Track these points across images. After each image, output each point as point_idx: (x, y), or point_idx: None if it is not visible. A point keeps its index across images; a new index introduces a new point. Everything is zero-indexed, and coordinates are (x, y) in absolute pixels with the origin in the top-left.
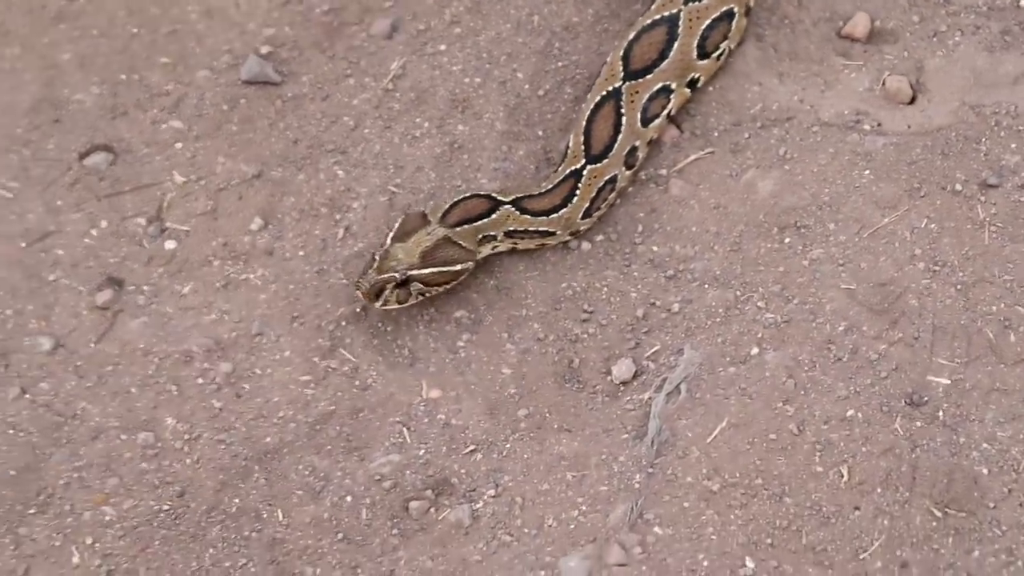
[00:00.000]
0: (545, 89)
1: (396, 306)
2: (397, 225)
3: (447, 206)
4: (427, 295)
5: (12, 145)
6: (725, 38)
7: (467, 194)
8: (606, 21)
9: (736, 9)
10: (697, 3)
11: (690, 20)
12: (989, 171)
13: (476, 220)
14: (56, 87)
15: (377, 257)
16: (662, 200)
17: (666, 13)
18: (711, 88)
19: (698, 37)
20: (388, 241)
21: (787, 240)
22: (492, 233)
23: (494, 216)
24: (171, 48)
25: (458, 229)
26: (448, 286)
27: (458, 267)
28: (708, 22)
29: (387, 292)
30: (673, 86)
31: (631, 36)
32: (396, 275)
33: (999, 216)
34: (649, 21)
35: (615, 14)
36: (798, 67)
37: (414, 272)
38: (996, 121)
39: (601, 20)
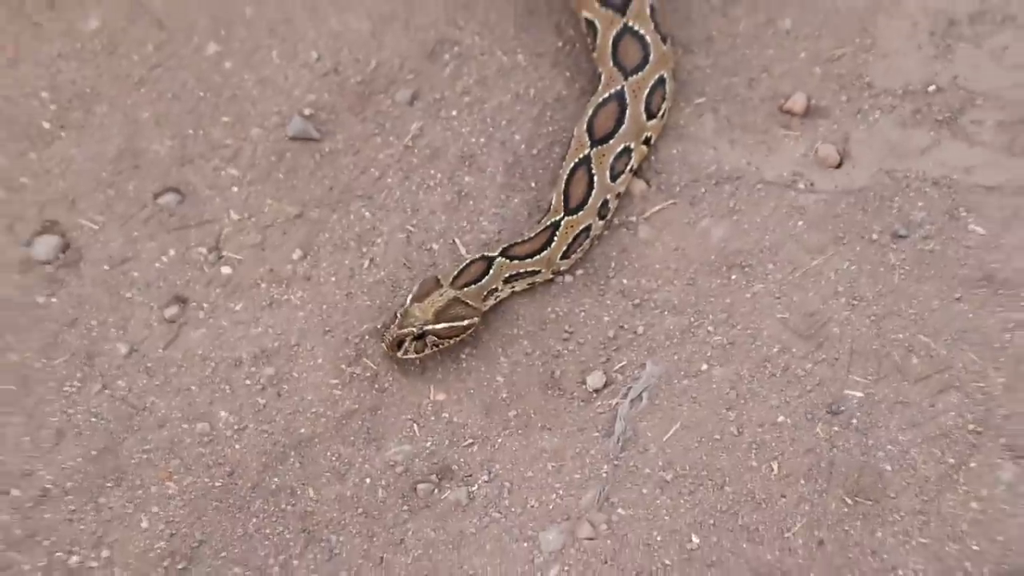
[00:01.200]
0: (538, 149)
1: (414, 355)
2: (416, 288)
3: (456, 272)
4: (440, 346)
5: (99, 186)
6: (664, 99)
7: (468, 260)
8: (589, 95)
9: (665, 75)
10: (635, 76)
11: (634, 91)
12: (900, 224)
13: (479, 280)
14: (136, 139)
15: (399, 315)
16: (632, 242)
17: (613, 90)
18: (674, 150)
19: (643, 103)
20: (408, 301)
21: (733, 277)
22: (494, 287)
23: (492, 272)
24: (231, 109)
25: (466, 290)
26: (459, 338)
27: (466, 322)
28: (648, 90)
29: (406, 344)
30: (632, 145)
31: (590, 112)
32: (414, 330)
33: (907, 261)
34: (601, 99)
35: (596, 90)
36: (747, 136)
37: (429, 327)
38: (907, 184)
39: (585, 94)
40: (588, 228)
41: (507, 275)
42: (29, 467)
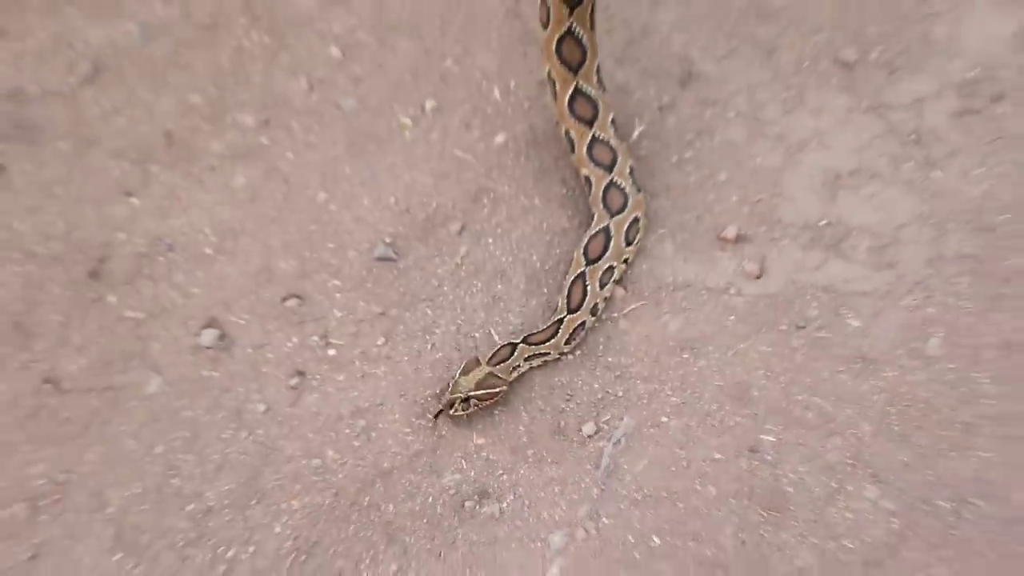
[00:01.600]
0: (549, 266)
1: (461, 413)
2: (462, 365)
3: (490, 354)
4: (479, 407)
5: (245, 294)
6: (637, 232)
7: (499, 345)
8: (585, 228)
9: (639, 215)
10: (618, 216)
11: (616, 227)
12: (800, 319)
13: (507, 360)
14: (270, 260)
15: (450, 384)
16: (614, 331)
17: (601, 225)
18: (644, 267)
19: (623, 235)
20: (457, 375)
21: (685, 356)
22: (518, 364)
23: (516, 353)
24: (334, 238)
25: (497, 366)
26: (493, 401)
27: (497, 390)
28: (627, 226)
29: (456, 405)
30: (615, 264)
31: (585, 240)
32: (461, 395)
33: (805, 346)
34: (593, 231)
35: (590, 225)
36: (695, 255)
37: (471, 393)
38: (805, 290)
39: (582, 227)
40: (584, 323)
41: (527, 356)
42: (200, 490)
